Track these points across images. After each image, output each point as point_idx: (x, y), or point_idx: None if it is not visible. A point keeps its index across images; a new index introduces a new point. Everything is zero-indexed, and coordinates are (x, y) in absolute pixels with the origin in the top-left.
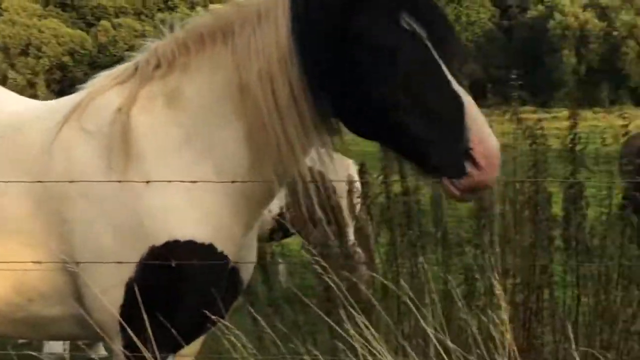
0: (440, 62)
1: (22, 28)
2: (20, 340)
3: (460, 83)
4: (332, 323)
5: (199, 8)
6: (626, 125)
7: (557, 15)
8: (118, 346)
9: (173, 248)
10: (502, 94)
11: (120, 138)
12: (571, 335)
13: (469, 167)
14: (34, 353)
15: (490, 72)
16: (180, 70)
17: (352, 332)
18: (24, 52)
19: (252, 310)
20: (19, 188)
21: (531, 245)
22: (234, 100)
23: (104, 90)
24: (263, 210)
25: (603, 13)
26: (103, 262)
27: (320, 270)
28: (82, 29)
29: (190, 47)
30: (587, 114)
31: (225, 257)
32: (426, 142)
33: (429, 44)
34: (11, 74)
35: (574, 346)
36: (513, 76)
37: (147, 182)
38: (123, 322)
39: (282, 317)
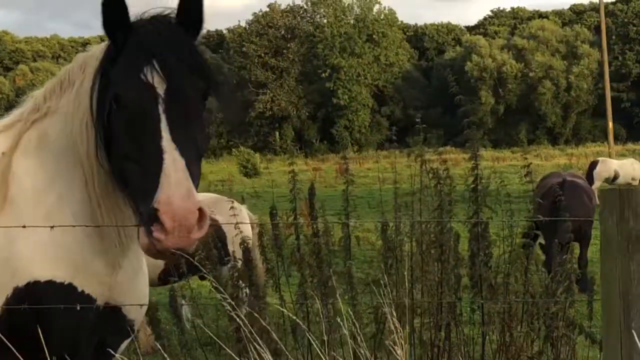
0: (163, 116)
1: None
2: None
3: (194, 136)
4: None
5: None
6: (527, 166)
7: (475, 57)
8: None
9: (33, 288)
10: (422, 133)
11: (0, 181)
12: None
13: (155, 228)
14: None
15: (408, 113)
16: (48, 114)
17: None
18: None
19: (164, 354)
20: None
21: (438, 284)
22: (76, 147)
23: None
24: (128, 251)
25: (520, 54)
26: None
27: (230, 310)
28: None
29: (55, 91)
30: (505, 153)
31: (88, 296)
32: (134, 191)
33: (162, 97)
34: None
35: None
36: (417, 119)
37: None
38: None
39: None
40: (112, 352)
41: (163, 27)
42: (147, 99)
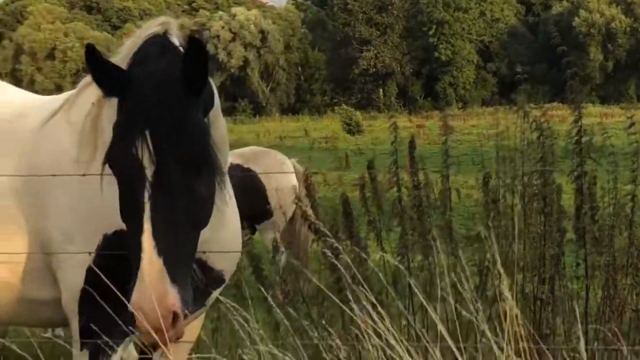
0: (147, 205)
1: (48, 32)
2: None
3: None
4: (345, 307)
5: (220, 12)
6: (630, 117)
7: (583, 13)
8: (75, 328)
9: (121, 236)
10: (527, 91)
11: (90, 129)
12: (579, 326)
13: (136, 323)
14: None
15: (514, 69)
16: None
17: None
18: (51, 56)
19: (271, 301)
20: (11, 171)
21: (541, 237)
22: None
23: (90, 87)
24: None
25: (629, 9)
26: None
27: (332, 259)
28: (107, 32)
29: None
30: (614, 110)
31: None
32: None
33: (149, 181)
34: (38, 77)
35: (582, 335)
36: (518, 70)
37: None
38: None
39: (296, 309)
40: (203, 302)
41: (161, 89)
42: (136, 177)
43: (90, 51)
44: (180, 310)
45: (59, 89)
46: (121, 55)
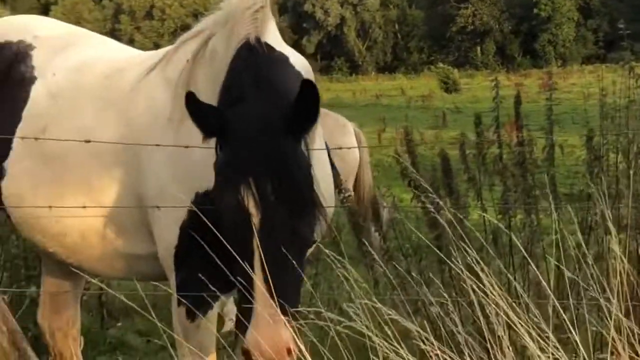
0: (256, 252)
1: None
2: None
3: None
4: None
5: None
6: None
7: None
8: (172, 283)
9: (209, 193)
10: (631, 49)
11: (183, 86)
12: None
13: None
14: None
15: (616, 26)
16: (217, 33)
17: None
18: (149, 15)
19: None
20: (110, 126)
21: None
22: None
23: (186, 43)
24: None
25: None
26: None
27: (435, 214)
28: None
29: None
30: None
31: None
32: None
33: (257, 228)
34: (137, 37)
35: None
36: (620, 26)
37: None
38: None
39: (395, 267)
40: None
41: (263, 137)
42: (242, 223)
43: (190, 96)
44: (293, 345)
45: (157, 48)
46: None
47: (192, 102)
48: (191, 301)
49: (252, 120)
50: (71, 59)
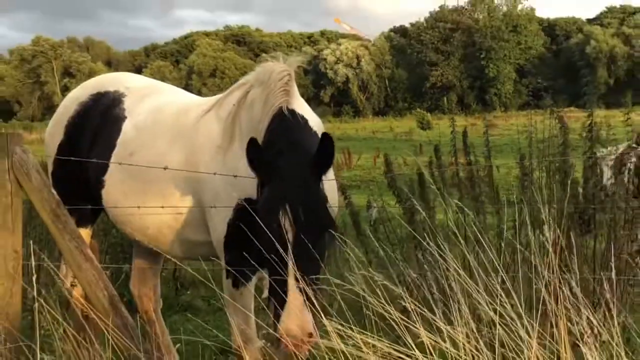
0: (289, 260)
1: (210, 58)
2: None
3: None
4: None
5: (332, 45)
6: (628, 115)
7: (593, 42)
8: (223, 262)
9: (250, 202)
10: (551, 98)
11: (231, 124)
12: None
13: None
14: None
15: (542, 83)
16: (254, 86)
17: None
18: (212, 75)
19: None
20: (178, 151)
21: (559, 200)
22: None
23: (234, 91)
24: None
25: (627, 40)
26: (215, 206)
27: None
28: (251, 59)
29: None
30: (616, 113)
31: None
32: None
33: (290, 242)
34: (204, 90)
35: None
36: (545, 84)
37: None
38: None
39: (384, 250)
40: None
41: (298, 173)
42: (279, 238)
43: (253, 142)
44: (314, 331)
45: None
46: (248, 102)
47: (252, 148)
48: (235, 274)
49: (289, 167)
50: (151, 103)
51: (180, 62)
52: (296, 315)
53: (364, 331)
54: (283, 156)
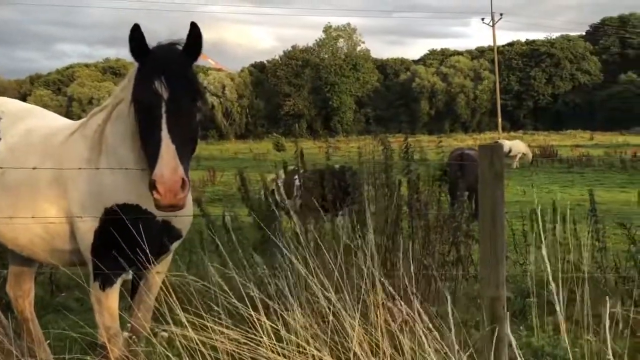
0: (164, 115)
1: (88, 88)
2: None
3: (177, 128)
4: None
5: (202, 75)
6: (440, 142)
7: (417, 79)
8: (90, 268)
9: (120, 208)
10: (384, 125)
11: (98, 141)
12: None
13: (154, 193)
14: None
15: (378, 113)
16: (123, 101)
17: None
18: (91, 102)
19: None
20: (48, 166)
21: (385, 208)
22: (130, 127)
23: (96, 114)
24: None
25: (445, 77)
26: (82, 216)
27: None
28: None
29: (124, 87)
30: (435, 138)
31: (150, 212)
32: (147, 162)
33: (164, 101)
34: (83, 115)
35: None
36: (377, 113)
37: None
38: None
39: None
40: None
41: (170, 53)
42: (155, 102)
43: (137, 27)
44: (187, 179)
45: None
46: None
47: (136, 32)
48: (101, 278)
49: (163, 50)
50: (24, 126)
51: (62, 90)
52: (168, 162)
53: (218, 320)
54: (158, 47)
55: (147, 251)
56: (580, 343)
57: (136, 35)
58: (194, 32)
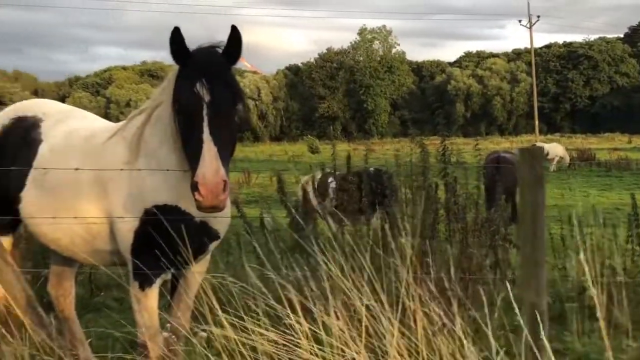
0: (205, 118)
1: (126, 90)
2: None
3: (219, 131)
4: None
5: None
6: (477, 144)
7: (453, 82)
8: (130, 268)
9: (156, 209)
10: (419, 128)
11: (136, 143)
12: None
13: (196, 194)
14: None
15: (413, 115)
16: (162, 104)
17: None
18: (129, 104)
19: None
20: (88, 167)
21: (424, 211)
22: (169, 129)
23: (135, 116)
24: None
25: (481, 80)
26: (124, 217)
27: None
28: None
29: (164, 90)
30: (472, 142)
31: (188, 213)
32: (189, 164)
33: (206, 104)
34: (121, 117)
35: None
36: (412, 116)
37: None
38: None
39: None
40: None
41: (211, 56)
42: (196, 105)
43: (177, 30)
44: (227, 180)
45: None
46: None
47: (176, 34)
48: (141, 278)
49: (203, 54)
50: (65, 127)
51: (100, 92)
52: (210, 164)
53: (257, 321)
54: (199, 50)
55: (186, 251)
56: (622, 349)
57: (177, 38)
58: (235, 35)
